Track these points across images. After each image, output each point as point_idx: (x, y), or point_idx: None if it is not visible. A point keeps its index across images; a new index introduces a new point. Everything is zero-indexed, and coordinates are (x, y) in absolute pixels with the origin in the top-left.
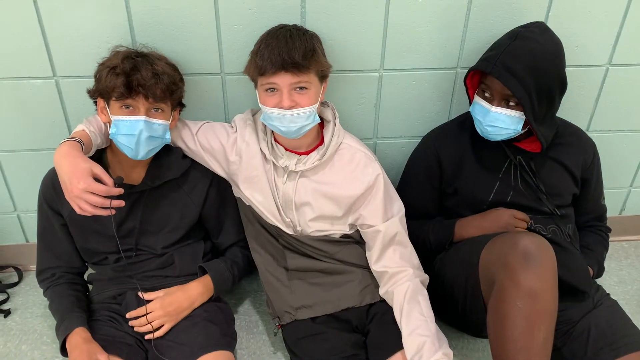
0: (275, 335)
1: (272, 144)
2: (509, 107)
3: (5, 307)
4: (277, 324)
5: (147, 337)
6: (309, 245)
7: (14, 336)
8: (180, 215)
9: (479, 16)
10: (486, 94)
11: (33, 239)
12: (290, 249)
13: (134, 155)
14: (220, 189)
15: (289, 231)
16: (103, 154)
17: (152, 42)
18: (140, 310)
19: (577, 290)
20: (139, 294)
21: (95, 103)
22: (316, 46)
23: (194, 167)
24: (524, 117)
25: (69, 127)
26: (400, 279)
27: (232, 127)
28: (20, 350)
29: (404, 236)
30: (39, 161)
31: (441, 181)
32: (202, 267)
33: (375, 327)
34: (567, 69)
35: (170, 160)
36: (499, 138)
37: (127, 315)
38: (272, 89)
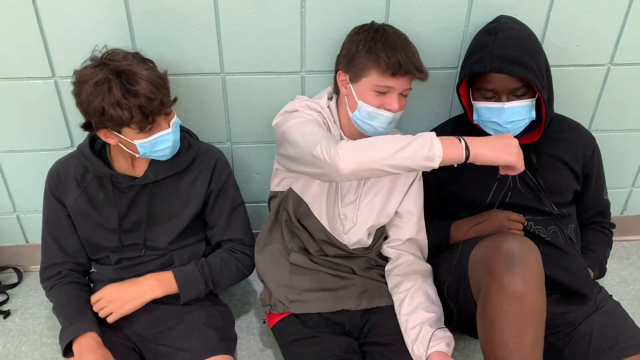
0: (264, 322)
1: (341, 135)
2: (518, 98)
3: (4, 308)
4: (265, 312)
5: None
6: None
7: (14, 337)
8: (182, 206)
9: (480, 16)
10: (488, 96)
11: (33, 240)
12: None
13: (168, 156)
14: (221, 180)
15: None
16: (105, 147)
17: (151, 41)
18: (95, 297)
19: (578, 293)
20: None
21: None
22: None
23: (197, 158)
24: (533, 103)
25: (68, 127)
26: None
27: (308, 111)
28: (20, 351)
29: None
30: (38, 162)
31: (438, 184)
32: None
33: (373, 342)
34: (568, 68)
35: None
36: (517, 132)
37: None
38: (384, 92)
